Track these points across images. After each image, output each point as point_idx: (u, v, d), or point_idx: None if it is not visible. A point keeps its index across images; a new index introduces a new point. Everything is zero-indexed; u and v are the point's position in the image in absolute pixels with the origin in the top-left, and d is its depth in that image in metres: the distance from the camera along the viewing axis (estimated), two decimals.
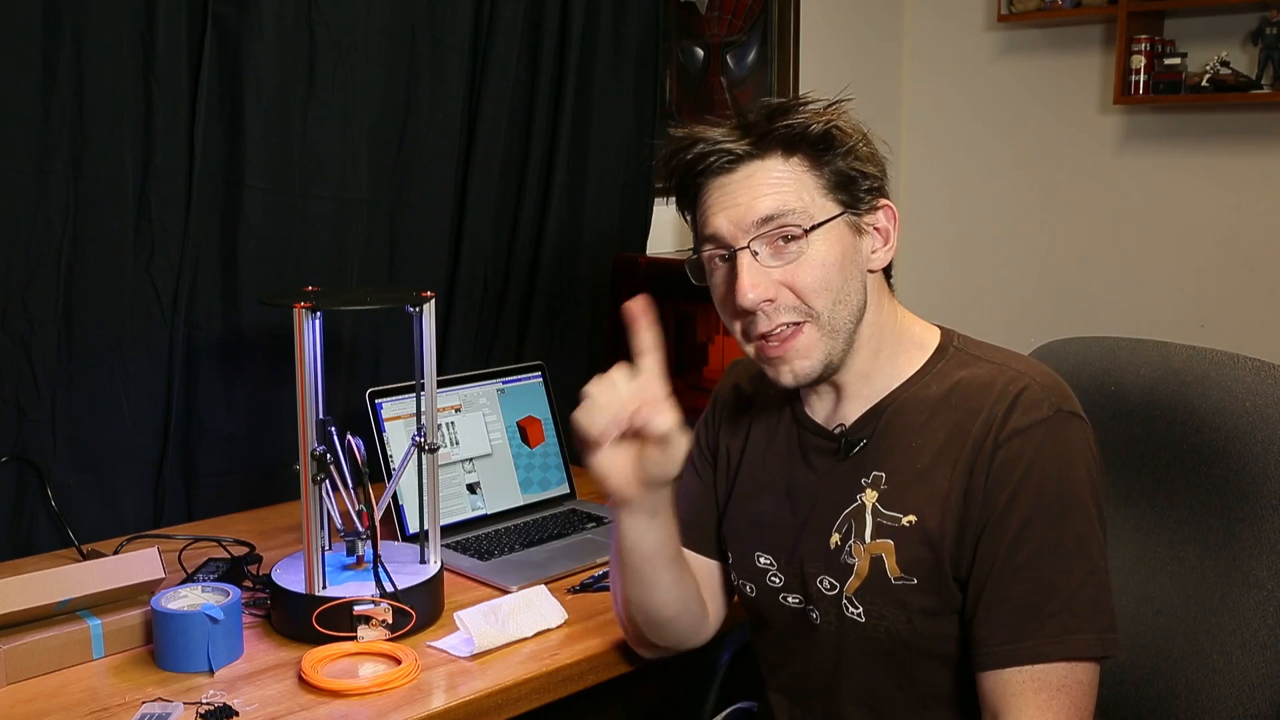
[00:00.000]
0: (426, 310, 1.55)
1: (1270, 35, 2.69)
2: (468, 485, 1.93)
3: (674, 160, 1.23)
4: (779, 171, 1.19)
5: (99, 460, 1.87)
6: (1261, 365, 1.30)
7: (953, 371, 1.22)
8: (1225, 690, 1.26)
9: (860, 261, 1.22)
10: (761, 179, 1.19)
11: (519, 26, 2.25)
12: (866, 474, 1.23)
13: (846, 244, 1.20)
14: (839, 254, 1.19)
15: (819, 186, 1.19)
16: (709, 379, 2.41)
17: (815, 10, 3.07)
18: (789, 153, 1.19)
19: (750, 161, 1.19)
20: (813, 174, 1.19)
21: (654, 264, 2.54)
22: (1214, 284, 2.94)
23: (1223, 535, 1.30)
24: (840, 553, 1.23)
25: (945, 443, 1.18)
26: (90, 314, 1.82)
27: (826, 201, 1.20)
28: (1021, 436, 1.14)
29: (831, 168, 1.20)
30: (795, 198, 1.18)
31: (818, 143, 1.19)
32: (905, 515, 1.19)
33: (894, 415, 1.23)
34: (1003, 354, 1.23)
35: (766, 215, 1.18)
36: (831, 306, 1.19)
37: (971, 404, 1.18)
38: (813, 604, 1.26)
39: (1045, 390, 1.16)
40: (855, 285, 1.21)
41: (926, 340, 1.26)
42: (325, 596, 1.47)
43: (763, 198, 1.18)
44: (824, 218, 1.19)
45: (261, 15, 1.90)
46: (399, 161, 2.15)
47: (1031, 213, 3.24)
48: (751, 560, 1.33)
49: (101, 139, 1.79)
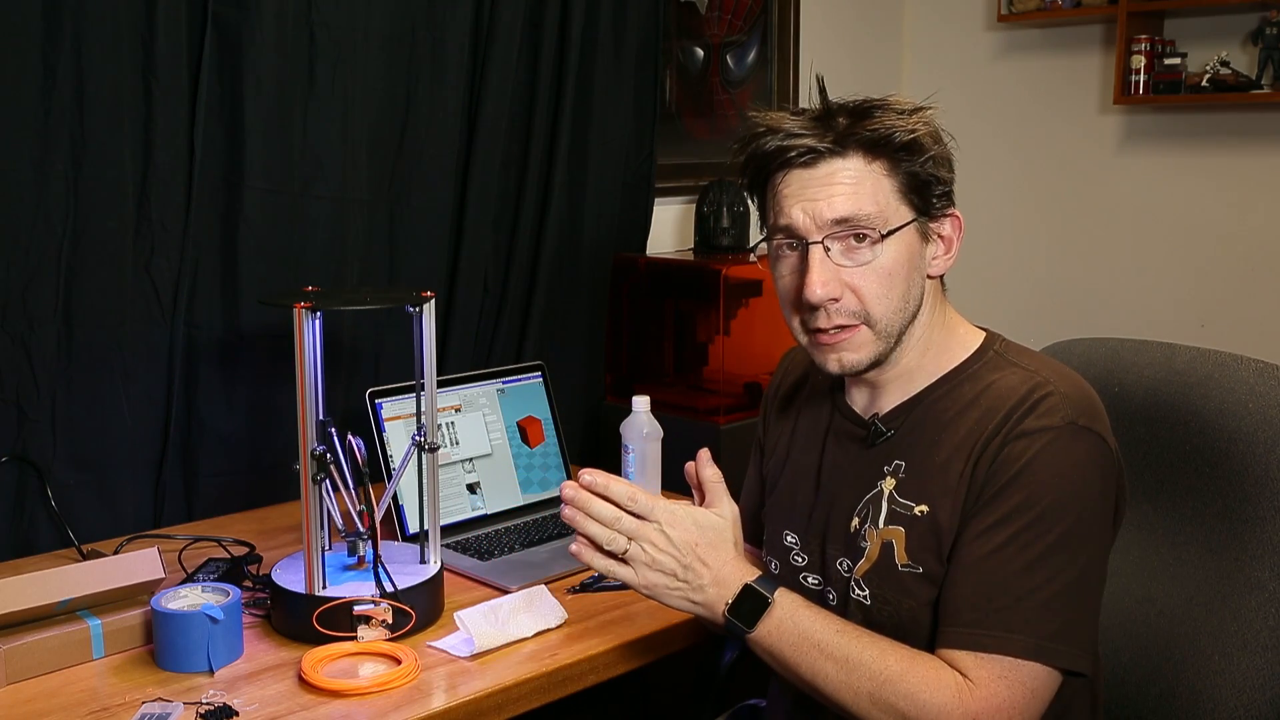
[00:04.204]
0: (426, 310, 1.55)
1: (1270, 35, 2.69)
2: (468, 485, 1.93)
3: (752, 146, 1.24)
4: (859, 172, 1.20)
5: (99, 460, 1.86)
6: (1265, 366, 1.30)
7: (987, 374, 1.23)
8: (1226, 691, 1.26)
9: (922, 268, 1.24)
10: (841, 178, 1.19)
11: (519, 26, 2.24)
12: (889, 462, 1.25)
13: (914, 250, 1.22)
14: (905, 260, 1.21)
15: (895, 191, 1.21)
16: (709, 379, 2.41)
17: (815, 10, 3.07)
18: (871, 155, 1.20)
19: (831, 159, 1.19)
20: (891, 179, 1.20)
21: (654, 264, 2.54)
22: (1214, 284, 2.94)
23: (1225, 536, 1.30)
24: (857, 536, 1.26)
25: (963, 439, 1.20)
26: (90, 314, 1.82)
27: (901, 206, 1.21)
28: (1027, 438, 1.15)
29: (909, 173, 1.21)
30: (871, 201, 1.19)
31: (900, 149, 1.20)
32: (918, 505, 1.21)
33: (925, 411, 1.25)
34: (1040, 361, 1.24)
35: (843, 216, 1.19)
36: (890, 313, 1.21)
37: (995, 405, 1.19)
38: (830, 585, 1.29)
39: (1066, 400, 1.17)
40: (915, 292, 1.23)
41: (969, 341, 1.28)
42: (325, 596, 1.47)
43: (840, 197, 1.19)
44: (898, 224, 1.20)
45: (261, 15, 1.90)
46: (399, 161, 2.14)
47: (1031, 213, 3.24)
48: (780, 538, 1.36)
49: (101, 139, 1.79)
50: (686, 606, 1.22)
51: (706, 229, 2.60)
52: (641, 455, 1.98)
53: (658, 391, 2.27)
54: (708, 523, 1.22)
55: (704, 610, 1.22)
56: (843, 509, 1.28)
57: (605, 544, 1.21)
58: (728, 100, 2.92)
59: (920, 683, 1.13)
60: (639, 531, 1.20)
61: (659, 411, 2.02)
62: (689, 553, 1.20)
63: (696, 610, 1.22)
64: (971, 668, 1.13)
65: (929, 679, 1.13)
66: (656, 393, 2.15)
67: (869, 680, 1.14)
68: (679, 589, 1.21)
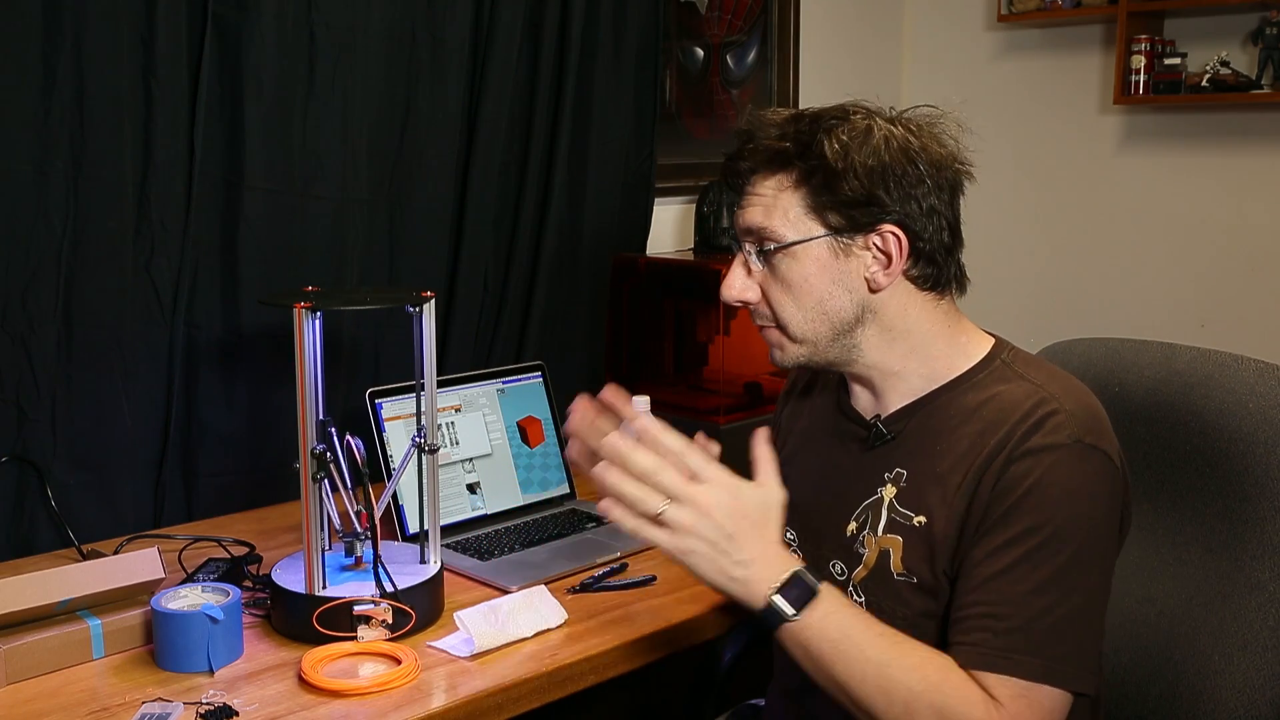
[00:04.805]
0: (426, 310, 1.55)
1: (1270, 35, 2.69)
2: (468, 485, 1.93)
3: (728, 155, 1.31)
4: (771, 188, 1.25)
5: (99, 460, 1.86)
6: (1265, 367, 1.30)
7: (993, 384, 1.22)
8: (1227, 692, 1.26)
9: (849, 281, 1.23)
10: (760, 190, 1.25)
11: (519, 26, 2.24)
12: (890, 469, 1.25)
13: (824, 265, 1.23)
14: (814, 273, 1.23)
15: (802, 206, 1.23)
16: (709, 379, 2.41)
17: (815, 10, 3.07)
18: (773, 170, 1.24)
19: (763, 172, 1.26)
20: (796, 193, 1.23)
21: (654, 264, 2.54)
22: (1214, 284, 2.94)
23: (1225, 536, 1.30)
24: (854, 541, 1.26)
25: (965, 451, 1.19)
26: (90, 314, 1.82)
27: (810, 222, 1.22)
28: (1034, 457, 1.14)
29: (815, 190, 1.22)
30: (780, 215, 1.23)
31: (814, 167, 1.21)
32: (917, 515, 1.21)
33: (927, 417, 1.25)
34: (1047, 374, 1.23)
35: (749, 227, 1.26)
36: (799, 322, 1.25)
37: (998, 418, 1.18)
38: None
39: (1073, 418, 1.16)
40: (838, 304, 1.24)
41: (974, 349, 1.27)
42: (325, 596, 1.47)
43: (752, 209, 1.26)
44: (797, 238, 1.22)
45: (261, 15, 1.90)
46: (399, 161, 2.14)
47: (1031, 213, 3.24)
48: (782, 534, 1.34)
49: (101, 139, 1.79)
50: (720, 580, 1.13)
51: (706, 229, 2.60)
52: None
53: (658, 391, 2.27)
54: (759, 497, 1.15)
55: (738, 587, 1.13)
56: (840, 511, 1.28)
57: (637, 505, 1.12)
58: (728, 100, 2.92)
59: (954, 696, 1.10)
60: (683, 491, 1.11)
61: (659, 411, 2.02)
62: (735, 523, 1.12)
63: (730, 586, 1.13)
64: (994, 686, 1.11)
65: (963, 694, 1.11)
66: (656, 393, 2.15)
67: (904, 688, 1.10)
68: (717, 559, 1.12)
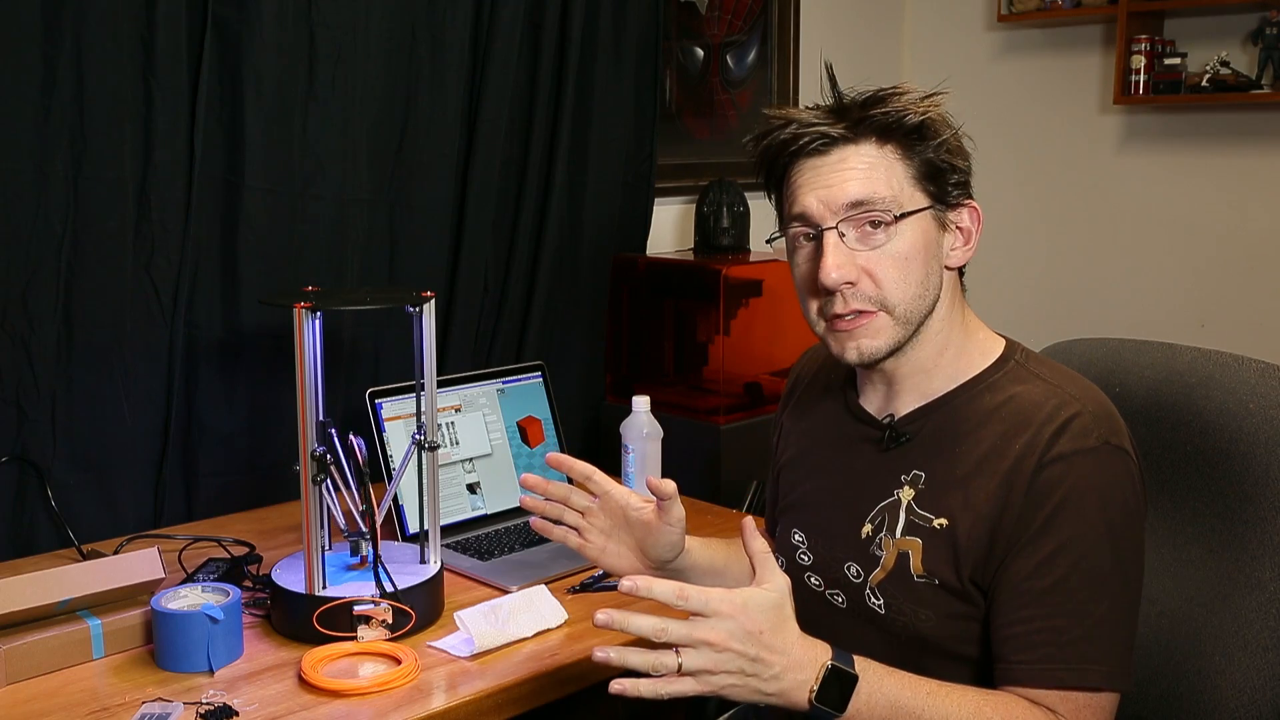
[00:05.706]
0: (426, 310, 1.55)
1: (1270, 35, 2.70)
2: (468, 485, 1.93)
3: (767, 139, 1.24)
4: (872, 157, 1.19)
5: (99, 460, 1.86)
6: (1266, 367, 1.30)
7: (1009, 385, 1.21)
8: (1227, 692, 1.26)
9: (940, 256, 1.23)
10: (854, 163, 1.19)
11: (519, 26, 2.25)
12: (907, 471, 1.23)
13: (930, 238, 1.21)
14: (922, 246, 1.20)
15: (909, 176, 1.20)
16: (709, 379, 2.41)
17: (815, 10, 3.07)
18: (883, 140, 1.19)
19: (844, 145, 1.19)
20: (904, 163, 1.20)
21: (654, 264, 2.54)
22: (1214, 284, 2.94)
23: (1226, 537, 1.30)
24: (870, 544, 1.24)
25: (987, 454, 1.18)
26: (90, 314, 1.82)
27: (915, 192, 1.20)
28: (1065, 462, 1.13)
29: (923, 159, 1.20)
30: (885, 185, 1.18)
31: (912, 132, 1.19)
32: (937, 518, 1.19)
33: (944, 418, 1.23)
34: (1061, 374, 1.22)
35: (856, 199, 1.18)
36: (908, 299, 1.20)
37: (1019, 420, 1.17)
38: (836, 588, 1.28)
39: (1096, 420, 1.15)
40: (933, 280, 1.22)
41: (990, 348, 1.26)
42: (325, 596, 1.47)
43: (853, 181, 1.18)
44: (912, 208, 1.19)
45: (261, 16, 1.90)
46: (399, 161, 2.14)
47: (1031, 213, 3.24)
48: (788, 536, 1.35)
49: (101, 139, 1.79)
50: (759, 700, 1.09)
51: (706, 229, 2.60)
52: (641, 455, 1.98)
53: (658, 391, 2.27)
54: (767, 603, 1.08)
55: (779, 700, 1.09)
56: (853, 513, 1.26)
57: (653, 670, 1.05)
58: (728, 100, 2.92)
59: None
60: (692, 636, 1.05)
61: (659, 411, 2.02)
62: (754, 644, 1.06)
63: (771, 701, 1.09)
64: (1057, 703, 1.10)
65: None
66: (656, 393, 2.15)
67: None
68: (749, 683, 1.07)
